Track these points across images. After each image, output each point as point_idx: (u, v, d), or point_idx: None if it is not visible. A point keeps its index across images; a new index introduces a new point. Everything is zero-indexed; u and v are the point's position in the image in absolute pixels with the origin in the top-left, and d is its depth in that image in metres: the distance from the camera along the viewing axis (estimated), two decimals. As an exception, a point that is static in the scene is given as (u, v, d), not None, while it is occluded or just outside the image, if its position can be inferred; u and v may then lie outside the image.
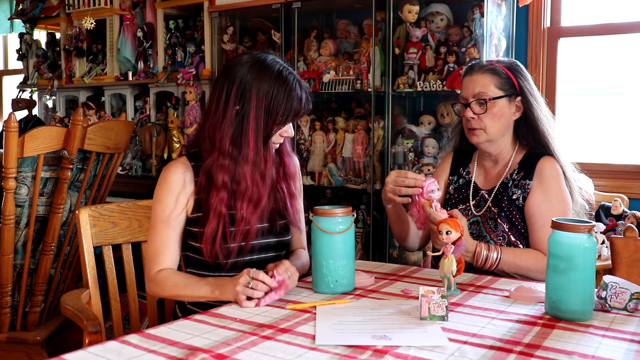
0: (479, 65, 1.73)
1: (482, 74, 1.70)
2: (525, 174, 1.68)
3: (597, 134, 2.90)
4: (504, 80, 1.69)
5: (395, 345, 1.07)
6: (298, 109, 1.51)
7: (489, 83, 1.68)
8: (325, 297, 1.40)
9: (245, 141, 1.48)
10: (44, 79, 4.10)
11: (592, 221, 1.26)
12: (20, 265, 2.37)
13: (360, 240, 2.86)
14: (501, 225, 1.66)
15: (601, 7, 2.80)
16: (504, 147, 1.74)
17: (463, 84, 1.74)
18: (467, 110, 1.69)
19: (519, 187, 1.68)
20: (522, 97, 1.70)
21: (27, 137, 2.20)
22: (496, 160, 1.77)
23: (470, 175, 1.81)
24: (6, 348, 2.40)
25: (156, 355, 1.03)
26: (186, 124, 3.31)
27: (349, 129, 2.90)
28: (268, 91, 1.47)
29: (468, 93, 1.70)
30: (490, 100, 1.66)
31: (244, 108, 1.48)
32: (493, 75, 1.69)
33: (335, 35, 3.04)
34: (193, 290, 1.44)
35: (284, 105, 1.48)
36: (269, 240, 1.59)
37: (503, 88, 1.68)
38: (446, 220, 1.42)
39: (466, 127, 1.73)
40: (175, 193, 1.52)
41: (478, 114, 1.68)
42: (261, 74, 1.48)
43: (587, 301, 1.22)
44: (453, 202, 1.81)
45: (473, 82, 1.70)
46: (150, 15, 3.54)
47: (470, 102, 1.68)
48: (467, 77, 1.73)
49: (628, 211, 2.46)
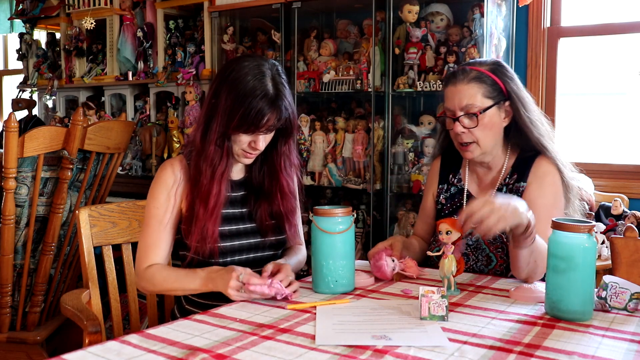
0: (463, 72, 1.59)
1: (467, 84, 1.57)
2: (519, 176, 1.62)
3: (597, 134, 2.90)
4: (490, 87, 1.58)
5: (395, 345, 1.07)
6: (256, 122, 1.45)
7: (475, 93, 1.56)
8: (325, 297, 1.40)
9: (209, 138, 1.49)
10: (44, 79, 4.10)
11: (592, 221, 1.25)
12: (20, 265, 2.37)
13: (360, 240, 2.86)
14: (499, 237, 1.60)
15: (601, 7, 2.80)
16: (496, 153, 1.66)
17: (446, 94, 1.62)
18: (456, 124, 1.58)
19: (513, 192, 1.62)
20: (511, 101, 1.60)
21: (27, 137, 2.20)
22: (489, 166, 1.68)
23: (462, 183, 1.72)
24: (6, 348, 2.40)
25: (156, 355, 1.03)
26: (186, 124, 3.31)
27: (349, 129, 2.90)
28: (233, 95, 1.45)
29: (454, 105, 1.58)
30: (480, 113, 1.56)
31: (215, 106, 1.49)
32: (479, 83, 1.57)
33: (335, 35, 3.04)
34: (184, 284, 1.45)
35: (240, 114, 1.44)
36: (257, 240, 1.60)
37: (491, 96, 1.57)
38: (446, 220, 1.42)
39: (456, 142, 1.63)
40: (167, 191, 1.53)
41: (468, 127, 1.57)
42: (237, 76, 1.46)
43: (587, 301, 1.22)
44: (446, 212, 1.72)
45: (459, 94, 1.57)
46: (150, 15, 3.54)
47: (459, 117, 1.58)
48: (450, 87, 1.60)
49: (628, 211, 2.46)
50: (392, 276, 1.53)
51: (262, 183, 1.62)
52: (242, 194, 1.62)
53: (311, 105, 3.15)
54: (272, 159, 1.60)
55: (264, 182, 1.61)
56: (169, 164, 1.57)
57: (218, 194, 1.49)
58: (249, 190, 1.63)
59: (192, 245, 1.50)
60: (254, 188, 1.63)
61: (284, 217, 1.61)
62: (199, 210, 1.49)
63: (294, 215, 1.65)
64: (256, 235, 1.59)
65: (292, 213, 1.63)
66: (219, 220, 1.51)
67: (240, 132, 1.48)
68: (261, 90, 1.44)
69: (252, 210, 1.61)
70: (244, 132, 1.48)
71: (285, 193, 1.60)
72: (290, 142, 1.60)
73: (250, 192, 1.63)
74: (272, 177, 1.60)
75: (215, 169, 1.49)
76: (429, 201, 1.80)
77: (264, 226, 1.60)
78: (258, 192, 1.62)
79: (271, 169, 1.60)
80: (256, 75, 1.46)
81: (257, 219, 1.60)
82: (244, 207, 1.61)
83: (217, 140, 1.49)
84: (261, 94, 1.44)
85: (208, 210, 1.48)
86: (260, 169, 1.62)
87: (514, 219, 1.33)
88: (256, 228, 1.60)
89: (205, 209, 1.48)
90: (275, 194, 1.60)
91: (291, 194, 1.62)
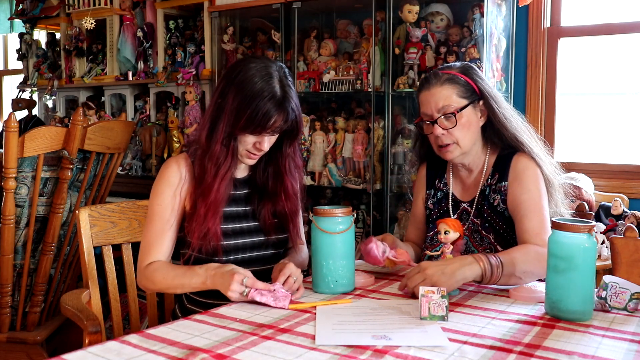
0: (435, 76, 1.62)
1: (440, 86, 1.60)
2: (501, 175, 1.63)
3: (597, 134, 2.90)
4: (464, 88, 1.60)
5: (395, 345, 1.07)
6: (263, 123, 1.46)
7: (450, 94, 1.59)
8: (325, 297, 1.40)
9: (215, 137, 1.50)
10: (44, 79, 4.10)
11: (592, 221, 1.26)
12: (20, 265, 2.37)
13: (360, 240, 2.86)
14: (487, 238, 1.61)
15: (601, 7, 2.80)
16: (475, 154, 1.67)
17: (421, 99, 1.64)
18: (435, 127, 1.59)
19: (497, 192, 1.63)
20: (484, 100, 1.62)
21: (27, 137, 2.20)
22: (470, 168, 1.70)
23: (448, 187, 1.74)
24: (6, 348, 2.40)
25: (156, 355, 1.03)
26: (186, 124, 3.31)
27: (349, 129, 2.90)
28: (240, 96, 1.46)
29: (431, 109, 1.60)
30: (457, 112, 1.58)
31: (221, 106, 1.49)
32: (452, 84, 1.60)
33: (335, 35, 3.04)
34: (183, 282, 1.45)
35: (247, 116, 1.45)
36: (260, 238, 1.60)
37: (465, 96, 1.60)
38: (445, 220, 1.42)
39: (435, 145, 1.64)
40: (172, 188, 1.53)
41: (447, 128, 1.59)
42: (245, 78, 1.47)
43: (587, 301, 1.22)
44: (434, 217, 1.74)
45: (434, 96, 1.59)
46: (150, 15, 3.54)
47: (437, 118, 1.59)
48: (424, 92, 1.63)
49: (628, 211, 2.46)
50: (384, 260, 1.52)
51: (266, 183, 1.62)
52: (245, 192, 1.63)
53: (311, 105, 3.15)
54: (277, 161, 1.61)
55: (268, 182, 1.62)
56: (174, 161, 1.57)
57: (217, 190, 1.50)
58: (252, 189, 1.63)
59: (194, 242, 1.50)
60: (257, 187, 1.63)
61: (288, 217, 1.62)
62: (201, 207, 1.49)
63: (297, 216, 1.65)
64: (259, 233, 1.60)
65: (296, 214, 1.64)
66: (219, 217, 1.52)
67: (246, 133, 1.49)
68: (268, 92, 1.45)
69: (256, 209, 1.61)
70: (251, 133, 1.49)
71: (290, 195, 1.61)
72: (295, 144, 1.61)
73: (253, 191, 1.63)
74: (276, 179, 1.61)
75: (219, 168, 1.50)
76: (419, 207, 1.82)
77: (267, 225, 1.60)
78: (262, 192, 1.62)
79: (276, 170, 1.61)
80: (264, 77, 1.47)
81: (260, 218, 1.61)
82: (247, 206, 1.61)
83: (223, 140, 1.49)
84: (268, 95, 1.45)
85: (208, 205, 1.49)
86: (265, 170, 1.63)
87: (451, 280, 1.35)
88: (259, 226, 1.60)
89: (206, 205, 1.49)
90: (280, 195, 1.60)
91: (295, 196, 1.63)
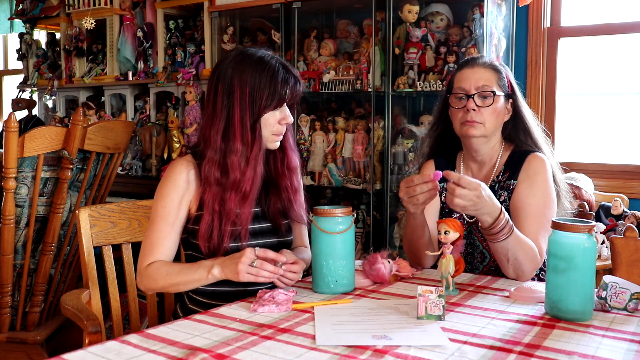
0: (482, 59, 1.70)
1: (485, 68, 1.66)
2: (511, 174, 1.65)
3: (597, 134, 2.90)
4: (503, 81, 1.67)
5: (395, 345, 1.07)
6: (284, 91, 1.49)
7: (492, 78, 1.64)
8: (325, 297, 1.40)
9: (232, 133, 1.49)
10: (44, 79, 4.10)
11: (592, 221, 1.26)
12: (20, 265, 2.37)
13: (360, 240, 2.86)
14: None
15: (601, 7, 2.80)
16: (492, 146, 1.70)
17: (461, 76, 1.67)
18: (469, 101, 1.62)
19: (504, 189, 1.65)
20: (514, 100, 1.69)
21: (27, 137, 2.20)
22: (483, 161, 1.73)
23: None
24: (6, 348, 2.40)
25: (156, 355, 1.03)
26: (186, 124, 3.31)
27: (349, 129, 2.90)
28: (249, 79, 1.48)
29: (470, 85, 1.63)
30: (496, 95, 1.62)
31: (229, 101, 1.49)
32: (496, 72, 1.66)
33: (335, 35, 3.04)
34: (187, 275, 1.44)
35: (267, 90, 1.48)
36: (272, 240, 1.59)
37: (502, 87, 1.66)
38: (445, 220, 1.42)
39: (462, 121, 1.65)
40: (178, 191, 1.52)
41: (480, 106, 1.62)
42: (242, 65, 1.49)
43: (587, 301, 1.22)
44: (447, 210, 1.74)
45: (476, 74, 1.64)
46: (150, 15, 3.54)
47: (474, 94, 1.62)
48: (467, 69, 1.67)
49: (628, 211, 2.46)
50: (389, 278, 1.53)
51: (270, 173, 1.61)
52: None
53: (311, 105, 3.15)
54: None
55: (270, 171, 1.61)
56: (178, 163, 1.55)
57: (253, 177, 1.50)
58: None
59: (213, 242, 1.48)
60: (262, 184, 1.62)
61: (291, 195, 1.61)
62: (230, 202, 1.48)
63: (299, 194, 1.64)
64: (272, 235, 1.59)
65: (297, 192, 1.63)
66: (253, 204, 1.53)
67: (270, 110, 1.50)
68: (275, 62, 1.50)
69: (265, 209, 1.60)
70: (275, 107, 1.50)
71: (292, 168, 1.61)
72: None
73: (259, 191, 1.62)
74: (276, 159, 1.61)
75: (249, 155, 1.49)
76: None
77: (279, 225, 1.60)
78: (266, 186, 1.61)
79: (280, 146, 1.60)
80: (261, 56, 1.50)
81: (270, 217, 1.60)
82: (256, 207, 1.60)
83: (244, 133, 1.49)
84: (276, 64, 1.50)
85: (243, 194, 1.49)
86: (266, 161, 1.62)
87: (484, 208, 1.40)
88: (271, 227, 1.60)
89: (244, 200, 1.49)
90: (283, 173, 1.60)
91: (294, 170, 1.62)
